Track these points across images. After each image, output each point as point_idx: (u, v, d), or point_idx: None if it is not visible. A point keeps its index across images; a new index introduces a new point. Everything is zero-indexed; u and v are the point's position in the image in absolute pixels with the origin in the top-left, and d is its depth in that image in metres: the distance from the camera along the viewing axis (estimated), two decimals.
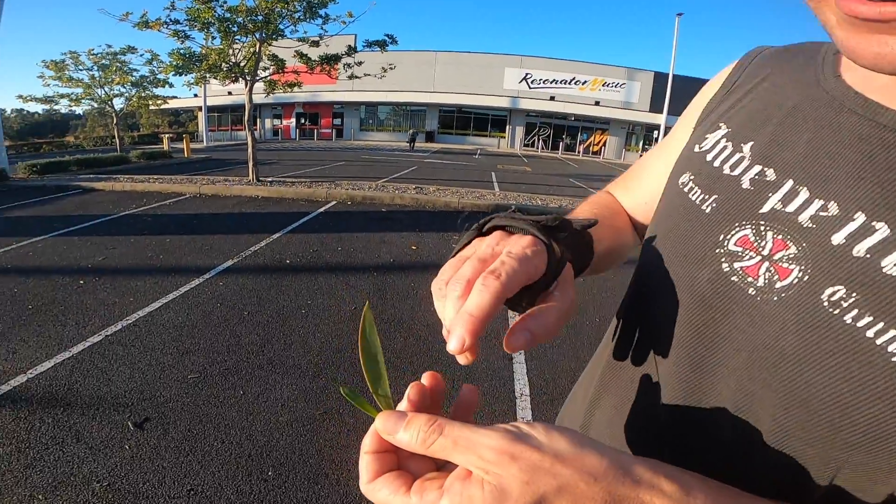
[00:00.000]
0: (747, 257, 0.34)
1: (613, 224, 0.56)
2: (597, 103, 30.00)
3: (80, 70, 16.31)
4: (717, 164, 0.39)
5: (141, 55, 15.65)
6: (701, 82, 0.54)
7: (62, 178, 9.39)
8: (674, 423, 0.38)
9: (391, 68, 10.36)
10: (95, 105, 18.51)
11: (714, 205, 0.37)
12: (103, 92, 17.08)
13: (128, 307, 3.33)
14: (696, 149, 0.42)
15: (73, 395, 2.28)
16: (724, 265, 0.35)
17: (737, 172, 0.37)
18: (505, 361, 2.76)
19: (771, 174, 0.35)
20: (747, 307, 0.33)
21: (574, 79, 30.33)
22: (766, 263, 0.32)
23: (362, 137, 32.62)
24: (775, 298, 0.31)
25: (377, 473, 0.28)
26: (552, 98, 30.32)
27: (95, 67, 16.37)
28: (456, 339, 0.28)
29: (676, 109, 14.05)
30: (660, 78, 28.18)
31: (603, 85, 30.21)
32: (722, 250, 0.35)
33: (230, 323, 3.16)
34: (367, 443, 0.29)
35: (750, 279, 0.33)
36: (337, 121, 33.07)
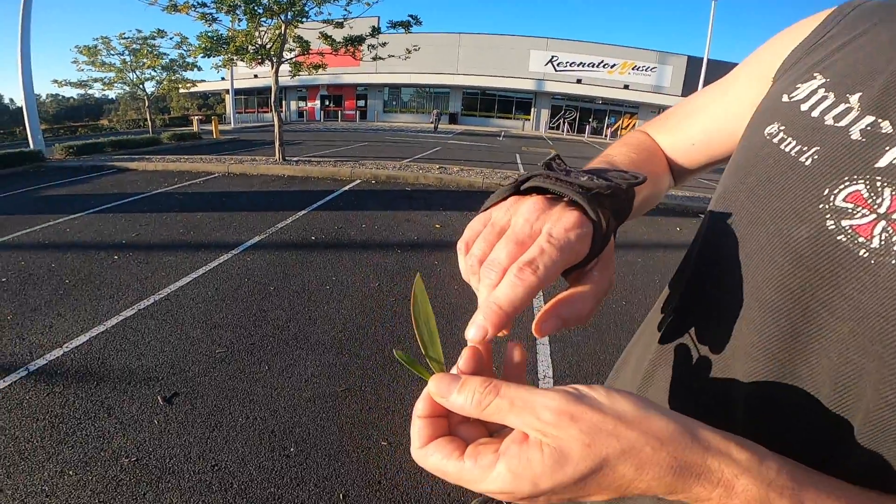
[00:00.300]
0: (859, 215, 0.30)
1: (652, 169, 0.53)
2: (626, 87, 29.28)
3: (112, 55, 16.76)
4: (815, 114, 0.35)
5: (170, 38, 15.95)
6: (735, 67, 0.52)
7: (97, 158, 9.73)
8: (753, 400, 0.34)
9: (415, 49, 10.28)
10: (127, 89, 19.03)
11: (815, 157, 0.33)
12: (135, 76, 17.52)
13: (160, 282, 3.43)
14: (785, 98, 0.39)
15: (106, 368, 2.36)
16: (830, 222, 0.31)
17: (843, 123, 0.33)
18: (528, 343, 2.72)
19: (887, 127, 0.31)
20: (857, 270, 0.29)
21: (602, 62, 29.69)
22: (883, 223, 0.29)
23: (386, 119, 32.74)
24: (894, 262, 0.27)
25: (429, 438, 0.27)
26: (579, 81, 29.72)
27: (126, 52, 16.77)
28: (477, 329, 0.27)
29: None
30: (693, 62, 27.55)
31: (633, 68, 29.48)
32: (826, 206, 0.31)
33: (257, 298, 3.22)
34: (420, 407, 0.28)
35: (861, 239, 0.29)
36: (360, 102, 33.31)
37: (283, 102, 32.68)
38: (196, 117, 22.14)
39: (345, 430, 1.98)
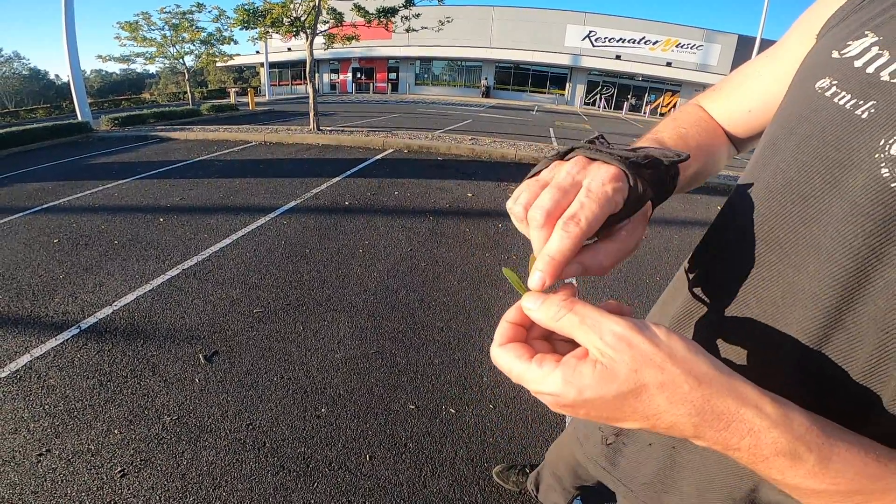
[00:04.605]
0: None
1: (704, 143, 0.53)
2: (668, 64, 27.94)
3: (153, 30, 17.16)
4: (870, 70, 0.37)
5: (209, 12, 16.18)
6: None
7: (141, 129, 10.09)
8: (795, 350, 0.36)
9: (448, 21, 10.09)
10: (168, 63, 19.51)
11: (872, 110, 0.35)
12: (175, 50, 17.92)
13: (202, 243, 3.58)
14: (836, 54, 0.40)
15: (152, 327, 2.48)
16: (884, 170, 0.32)
17: None
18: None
19: None
20: None
21: (643, 38, 28.37)
22: None
23: (417, 92, 32.46)
24: None
25: (509, 339, 0.32)
26: (618, 57, 28.52)
27: (167, 27, 17.15)
28: (537, 279, 0.30)
29: None
30: (744, 41, 26.23)
31: (677, 46, 28.08)
32: (882, 155, 0.33)
33: (293, 259, 3.32)
34: (510, 313, 0.33)
35: None
36: (392, 75, 33.13)
37: (316, 75, 32.73)
38: (233, 90, 22.59)
39: (374, 392, 2.03)
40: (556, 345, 0.33)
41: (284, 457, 1.69)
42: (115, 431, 1.79)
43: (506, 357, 0.31)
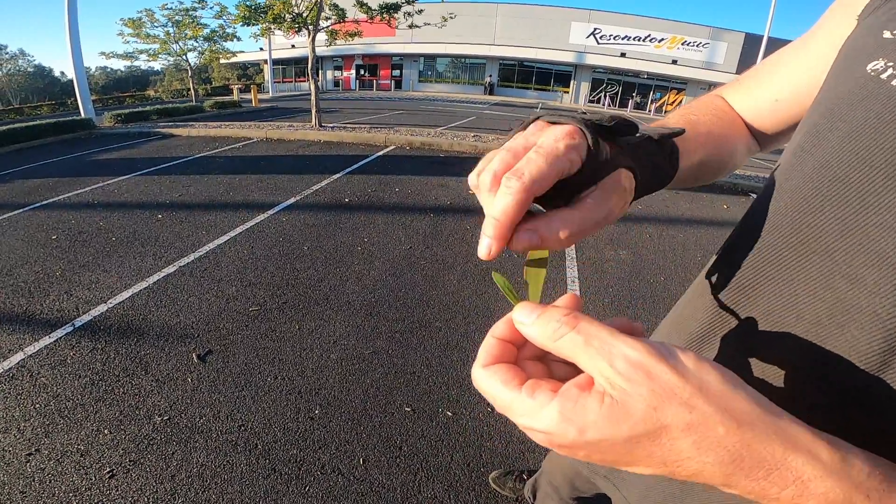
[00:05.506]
0: None
1: (717, 131, 0.48)
2: (674, 62, 27.79)
3: (156, 27, 17.21)
4: None
5: (211, 8, 16.21)
6: None
7: (143, 125, 10.09)
8: (848, 384, 0.30)
9: (451, 17, 10.03)
10: (171, 60, 19.56)
11: None
12: (178, 47, 17.95)
13: (200, 240, 3.55)
14: (888, 34, 0.37)
15: (147, 325, 2.45)
16: None
17: None
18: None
19: None
20: None
21: (649, 36, 28.23)
22: None
23: (420, 89, 32.42)
24: None
25: (495, 359, 0.27)
26: (623, 55, 28.39)
27: (169, 23, 17.19)
28: (483, 246, 0.27)
29: None
30: (751, 39, 25.91)
31: (682, 44, 27.95)
32: None
33: (290, 257, 3.29)
34: (498, 327, 0.28)
35: None
36: (396, 72, 33.13)
37: (320, 72, 32.77)
38: (236, 86, 22.61)
39: (370, 393, 1.99)
40: (552, 366, 0.28)
41: (276, 459, 1.65)
42: (105, 431, 1.76)
43: (490, 381, 0.26)
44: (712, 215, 4.98)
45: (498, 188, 0.27)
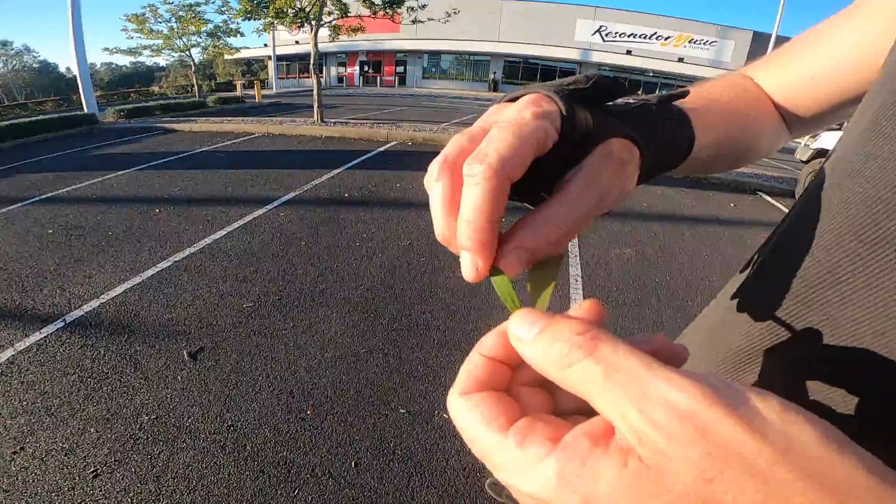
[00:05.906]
0: None
1: (739, 108, 0.41)
2: (680, 60, 27.64)
3: (160, 22, 17.24)
4: None
5: (213, 3, 16.21)
6: None
7: (146, 120, 10.08)
8: None
9: (455, 13, 9.95)
10: (175, 55, 19.58)
11: None
12: (182, 42, 17.97)
13: (196, 235, 3.51)
14: None
15: (139, 321, 2.40)
16: None
17: None
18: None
19: None
20: None
21: (655, 33, 28.12)
22: None
23: (424, 85, 32.41)
24: None
25: (477, 386, 0.19)
26: (629, 52, 28.27)
27: (173, 18, 17.22)
28: (467, 265, 0.22)
29: None
30: (759, 38, 25.79)
31: (689, 41, 27.83)
32: None
33: (287, 252, 3.24)
34: (486, 342, 0.20)
35: None
36: (399, 69, 33.09)
37: (323, 68, 32.81)
38: (240, 82, 22.63)
39: (363, 394, 1.93)
40: (557, 395, 0.20)
41: (265, 461, 1.60)
42: (91, 430, 1.71)
43: (467, 417, 0.18)
44: (719, 213, 4.89)
45: (444, 176, 0.22)
